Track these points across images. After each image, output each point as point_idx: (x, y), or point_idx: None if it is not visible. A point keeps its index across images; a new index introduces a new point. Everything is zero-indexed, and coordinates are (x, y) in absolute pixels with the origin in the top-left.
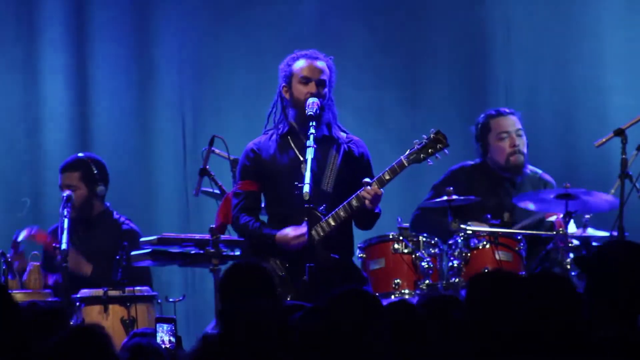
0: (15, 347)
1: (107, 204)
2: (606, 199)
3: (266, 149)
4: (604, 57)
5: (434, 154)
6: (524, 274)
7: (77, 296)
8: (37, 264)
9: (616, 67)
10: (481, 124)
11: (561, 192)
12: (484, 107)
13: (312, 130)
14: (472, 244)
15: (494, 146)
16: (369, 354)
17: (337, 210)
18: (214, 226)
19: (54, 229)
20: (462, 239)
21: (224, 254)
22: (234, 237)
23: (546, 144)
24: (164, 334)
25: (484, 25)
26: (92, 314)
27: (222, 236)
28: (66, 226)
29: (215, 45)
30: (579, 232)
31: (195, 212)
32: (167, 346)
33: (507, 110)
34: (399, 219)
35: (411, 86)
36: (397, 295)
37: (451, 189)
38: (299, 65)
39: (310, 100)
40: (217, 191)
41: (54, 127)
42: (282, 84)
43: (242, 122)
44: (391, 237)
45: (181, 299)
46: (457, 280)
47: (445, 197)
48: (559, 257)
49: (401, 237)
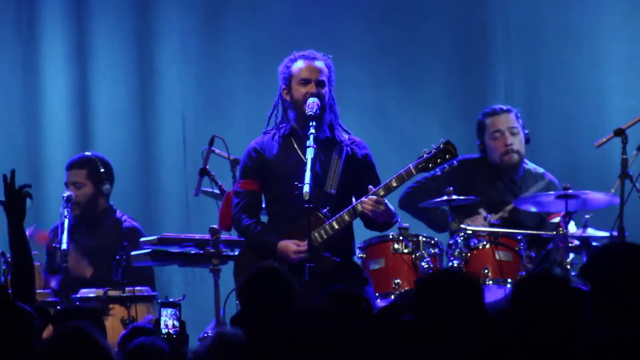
0: (15, 347)
1: (111, 203)
2: (604, 198)
3: (269, 148)
4: (604, 57)
5: (442, 164)
6: (524, 274)
7: (77, 296)
8: (37, 264)
9: (616, 67)
10: (478, 122)
11: (560, 193)
12: (484, 107)
13: (312, 130)
14: (472, 244)
15: (489, 145)
16: (360, 354)
17: (342, 214)
18: (218, 227)
19: (54, 229)
20: (462, 239)
21: (224, 254)
22: (234, 237)
23: (546, 144)
24: (168, 318)
25: (484, 25)
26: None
27: (222, 236)
28: (66, 226)
29: (215, 45)
30: (579, 232)
31: (195, 212)
32: (171, 330)
33: (504, 107)
34: (399, 219)
35: (411, 86)
36: (397, 295)
37: (451, 189)
38: (297, 66)
39: (310, 100)
40: (217, 191)
41: (54, 127)
42: (282, 87)
43: (242, 122)
44: (391, 237)
45: (181, 299)
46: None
47: (445, 197)
48: (558, 257)
49: (401, 237)
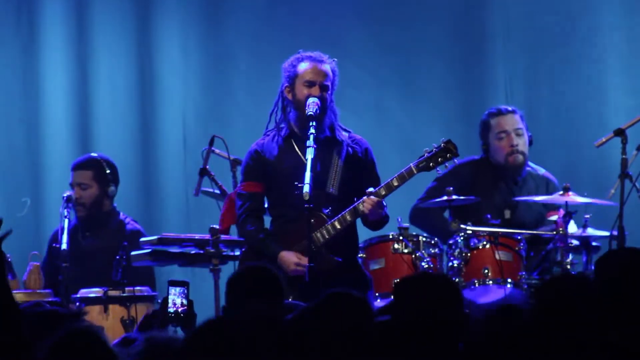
0: (15, 347)
1: (114, 205)
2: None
3: (270, 150)
4: (604, 57)
5: (443, 162)
6: (524, 274)
7: (77, 296)
8: (37, 264)
9: (616, 67)
10: (482, 122)
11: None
12: (484, 107)
13: (312, 130)
14: (472, 244)
15: (493, 145)
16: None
17: (344, 213)
18: (220, 228)
19: (55, 233)
20: (462, 239)
21: (224, 254)
22: (234, 237)
23: (546, 144)
24: (176, 296)
25: (484, 25)
26: (92, 314)
27: (222, 236)
28: (66, 226)
29: (215, 45)
30: (579, 232)
31: (195, 212)
32: (179, 309)
33: (509, 108)
34: (399, 219)
35: (411, 86)
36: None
37: (451, 189)
38: (303, 67)
39: (310, 100)
40: (217, 191)
41: (54, 127)
42: (285, 84)
43: (242, 122)
44: (391, 237)
45: None
46: (457, 280)
47: (445, 197)
48: (558, 257)
49: (401, 237)
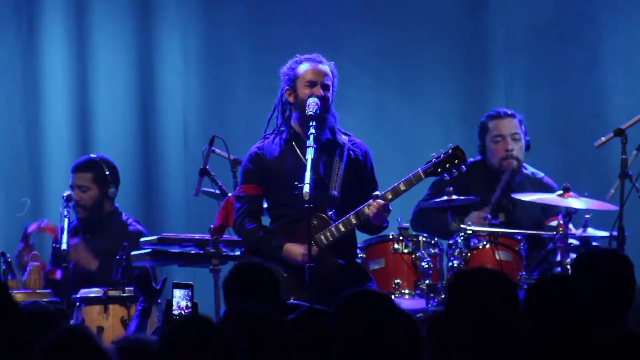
0: (15, 347)
1: (116, 205)
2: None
3: (270, 151)
4: (604, 57)
5: (450, 169)
6: (524, 274)
7: (77, 296)
8: (37, 264)
9: (616, 67)
10: (481, 124)
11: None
12: (484, 108)
13: (312, 130)
14: (472, 244)
15: (489, 148)
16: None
17: (349, 216)
18: (213, 227)
19: (54, 246)
20: (462, 239)
21: (224, 254)
22: (234, 237)
23: (546, 144)
24: (181, 299)
25: (484, 25)
26: (92, 314)
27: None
28: (66, 226)
29: (216, 45)
30: (579, 232)
31: (195, 212)
32: (184, 312)
33: (508, 112)
34: (399, 219)
35: (411, 86)
36: (397, 295)
37: (451, 189)
38: (303, 68)
39: (310, 100)
40: (217, 191)
41: (54, 127)
42: (286, 87)
43: (242, 122)
44: (391, 237)
45: None
46: None
47: (445, 197)
48: (558, 258)
49: (401, 237)
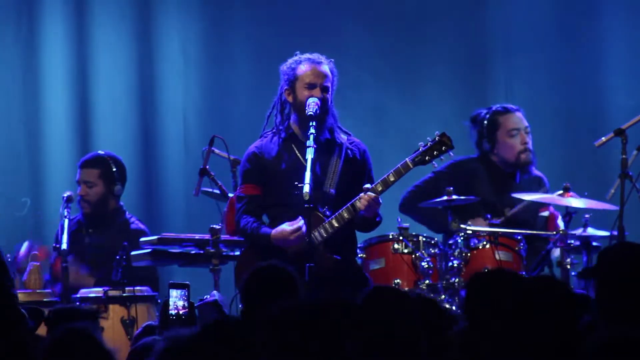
0: (14, 348)
1: (121, 203)
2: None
3: (268, 151)
4: (604, 57)
5: (438, 156)
6: (524, 274)
7: (77, 296)
8: (37, 264)
9: (616, 68)
10: (489, 120)
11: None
12: (484, 107)
13: (312, 130)
14: (472, 244)
15: (503, 142)
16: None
17: (341, 212)
18: (227, 232)
19: (57, 234)
20: (462, 239)
21: (224, 254)
22: (234, 237)
23: (546, 143)
24: (178, 299)
25: (484, 25)
26: None
27: (222, 236)
28: (66, 226)
29: (216, 45)
30: (579, 232)
31: (195, 212)
32: (181, 312)
33: (514, 107)
34: (399, 219)
35: (411, 86)
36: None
37: (451, 188)
38: (303, 69)
39: (310, 100)
40: (217, 191)
41: (54, 127)
42: (285, 87)
43: (242, 122)
44: (391, 237)
45: None
46: (457, 280)
47: (445, 197)
48: (558, 258)
49: (401, 237)
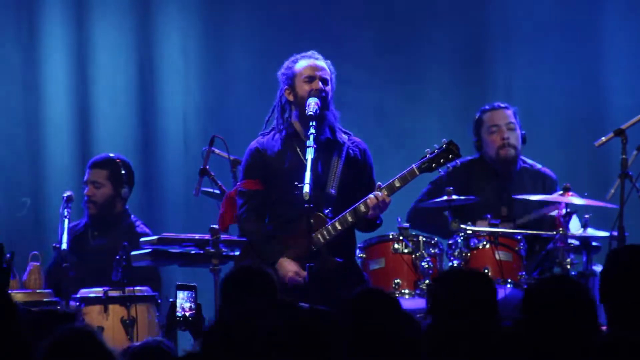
0: (14, 348)
1: (126, 207)
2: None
3: (270, 148)
4: (604, 57)
5: (445, 164)
6: (524, 274)
7: (77, 296)
8: (37, 264)
9: (616, 67)
10: (476, 119)
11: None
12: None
13: (312, 130)
14: (472, 244)
15: (485, 140)
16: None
17: (345, 214)
18: (220, 229)
19: (54, 246)
20: (462, 239)
21: (224, 254)
22: (234, 237)
23: (546, 143)
24: (185, 301)
25: (484, 25)
26: (92, 314)
27: (222, 236)
28: (66, 226)
29: (216, 45)
30: (579, 232)
31: (195, 212)
32: (187, 313)
33: (502, 104)
34: (399, 219)
35: (411, 86)
36: (397, 295)
37: (451, 188)
38: (301, 65)
39: (310, 100)
40: (217, 191)
41: (55, 127)
42: (284, 87)
43: (242, 122)
44: (391, 237)
45: None
46: None
47: (445, 197)
48: (559, 257)
49: (401, 237)
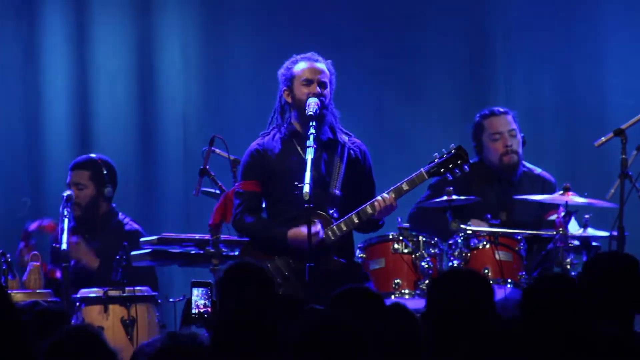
0: (14, 348)
1: (113, 205)
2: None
3: (271, 148)
4: (604, 57)
5: (453, 169)
6: (524, 274)
7: (77, 296)
8: (37, 264)
9: (616, 67)
10: (475, 124)
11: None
12: (484, 108)
13: (313, 130)
14: (472, 244)
15: (487, 146)
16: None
17: (351, 215)
18: (210, 223)
19: (55, 234)
20: (462, 239)
21: (224, 254)
22: (234, 237)
23: (546, 144)
24: (199, 298)
25: (484, 25)
26: (92, 314)
27: (222, 236)
28: (66, 226)
29: (216, 45)
30: (579, 232)
31: (195, 212)
32: (202, 310)
33: (501, 109)
34: (399, 219)
35: (411, 86)
36: (397, 295)
37: (451, 189)
38: (300, 67)
39: (310, 100)
40: (217, 191)
41: (54, 127)
42: (283, 88)
43: (242, 122)
44: (391, 237)
45: (181, 299)
46: None
47: (445, 197)
48: (559, 257)
49: (401, 237)
